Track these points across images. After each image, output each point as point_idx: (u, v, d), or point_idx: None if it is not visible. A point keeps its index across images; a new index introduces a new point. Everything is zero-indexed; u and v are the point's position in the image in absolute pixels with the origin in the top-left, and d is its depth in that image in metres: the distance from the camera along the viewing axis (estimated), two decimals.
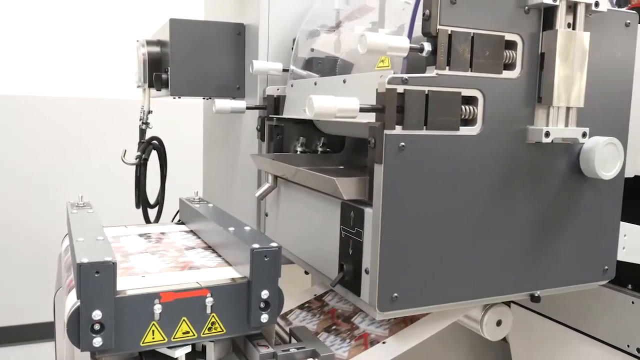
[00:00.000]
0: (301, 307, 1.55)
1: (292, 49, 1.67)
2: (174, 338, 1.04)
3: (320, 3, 1.69)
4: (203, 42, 1.75)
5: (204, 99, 2.02)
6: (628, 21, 1.23)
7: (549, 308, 1.67)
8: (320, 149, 1.69)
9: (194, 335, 1.06)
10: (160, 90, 1.82)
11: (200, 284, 1.07)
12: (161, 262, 1.25)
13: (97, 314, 0.97)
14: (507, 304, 1.48)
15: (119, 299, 0.99)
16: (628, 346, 1.46)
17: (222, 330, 1.08)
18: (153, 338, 1.03)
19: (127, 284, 1.08)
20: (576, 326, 1.61)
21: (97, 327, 0.97)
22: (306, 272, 1.50)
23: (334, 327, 1.42)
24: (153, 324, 1.03)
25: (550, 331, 1.68)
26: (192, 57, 1.74)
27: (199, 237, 1.48)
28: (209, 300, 1.05)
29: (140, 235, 1.50)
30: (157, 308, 1.02)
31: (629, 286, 1.48)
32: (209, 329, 1.07)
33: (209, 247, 1.38)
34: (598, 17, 1.18)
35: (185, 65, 1.74)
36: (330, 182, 1.15)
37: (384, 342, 1.30)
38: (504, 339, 1.85)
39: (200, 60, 1.75)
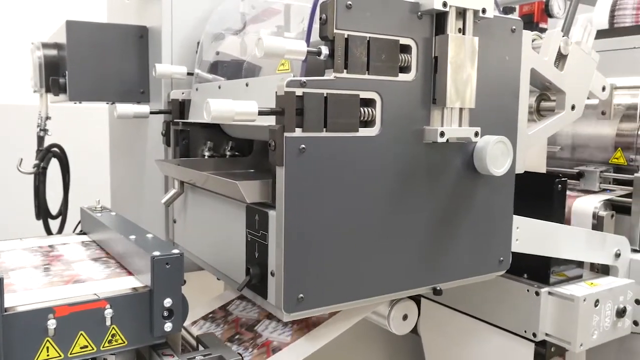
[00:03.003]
0: (205, 317, 1.53)
1: (197, 52, 1.65)
2: (71, 354, 1.00)
3: (225, 6, 1.68)
4: (103, 45, 1.69)
5: (107, 103, 1.95)
6: (514, 27, 1.31)
7: (455, 301, 1.74)
8: (228, 153, 1.68)
9: (93, 349, 1.02)
10: (58, 95, 1.74)
11: (98, 295, 1.03)
12: (44, 277, 1.19)
13: None
14: (417, 299, 1.53)
15: (7, 316, 0.94)
16: (525, 332, 1.55)
17: (124, 342, 1.04)
18: (48, 355, 0.98)
19: (19, 299, 1.02)
20: (481, 316, 1.69)
21: None
22: (218, 278, 1.48)
23: (237, 337, 1.41)
24: (47, 340, 0.98)
25: (457, 322, 1.76)
26: (91, 60, 1.67)
27: (100, 248, 1.42)
28: (108, 312, 1.02)
29: (28, 249, 1.42)
30: (51, 323, 0.97)
31: (525, 275, 1.57)
32: (109, 341, 1.03)
33: (99, 259, 1.33)
34: (486, 23, 1.25)
35: (84, 69, 1.67)
36: (232, 186, 1.14)
37: (286, 348, 1.30)
38: (416, 333, 1.91)
39: (100, 63, 1.68)
